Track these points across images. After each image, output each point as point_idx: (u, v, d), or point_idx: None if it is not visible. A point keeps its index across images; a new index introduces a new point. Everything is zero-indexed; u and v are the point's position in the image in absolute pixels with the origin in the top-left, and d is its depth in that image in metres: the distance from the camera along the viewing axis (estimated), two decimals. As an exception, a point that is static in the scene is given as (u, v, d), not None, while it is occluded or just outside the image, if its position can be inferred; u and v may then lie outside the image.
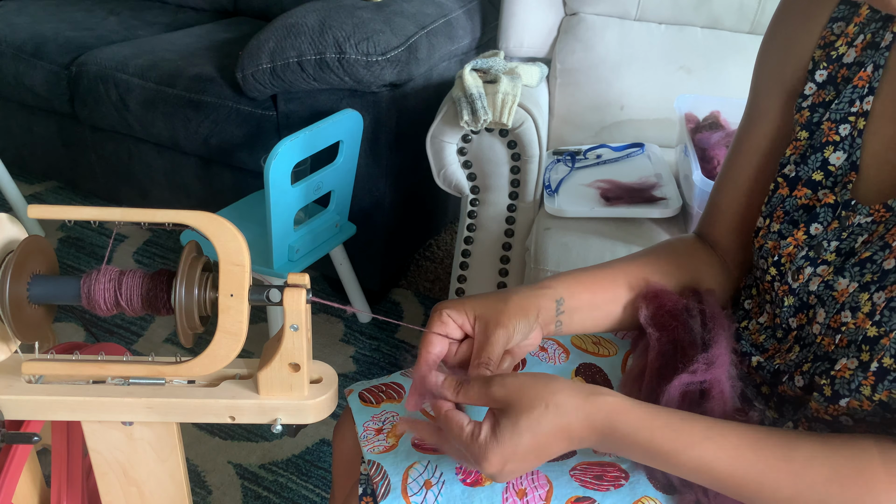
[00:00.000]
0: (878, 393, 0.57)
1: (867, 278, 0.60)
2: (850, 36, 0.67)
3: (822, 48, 0.69)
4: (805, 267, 0.66)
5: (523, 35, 1.70)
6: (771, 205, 0.71)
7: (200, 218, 0.58)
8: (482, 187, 1.50)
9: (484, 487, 0.66)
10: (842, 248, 0.64)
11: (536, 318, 0.69)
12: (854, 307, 0.60)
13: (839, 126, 0.67)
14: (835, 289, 0.63)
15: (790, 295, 0.67)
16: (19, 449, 0.66)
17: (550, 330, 0.72)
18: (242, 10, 2.40)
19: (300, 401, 0.64)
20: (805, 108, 0.70)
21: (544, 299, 0.70)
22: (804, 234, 0.67)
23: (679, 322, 0.72)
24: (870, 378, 0.58)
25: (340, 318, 1.88)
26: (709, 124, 1.38)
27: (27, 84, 2.05)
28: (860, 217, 0.64)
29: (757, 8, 1.57)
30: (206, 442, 1.52)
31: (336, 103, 1.62)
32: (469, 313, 0.68)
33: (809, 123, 0.69)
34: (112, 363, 0.63)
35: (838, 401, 0.60)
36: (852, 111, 0.66)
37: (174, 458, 0.69)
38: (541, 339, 0.71)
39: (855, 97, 0.66)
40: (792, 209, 0.69)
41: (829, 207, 0.66)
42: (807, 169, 0.69)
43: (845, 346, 0.60)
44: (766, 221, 0.71)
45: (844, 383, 0.60)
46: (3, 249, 0.61)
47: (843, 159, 0.66)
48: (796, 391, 0.65)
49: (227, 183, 1.89)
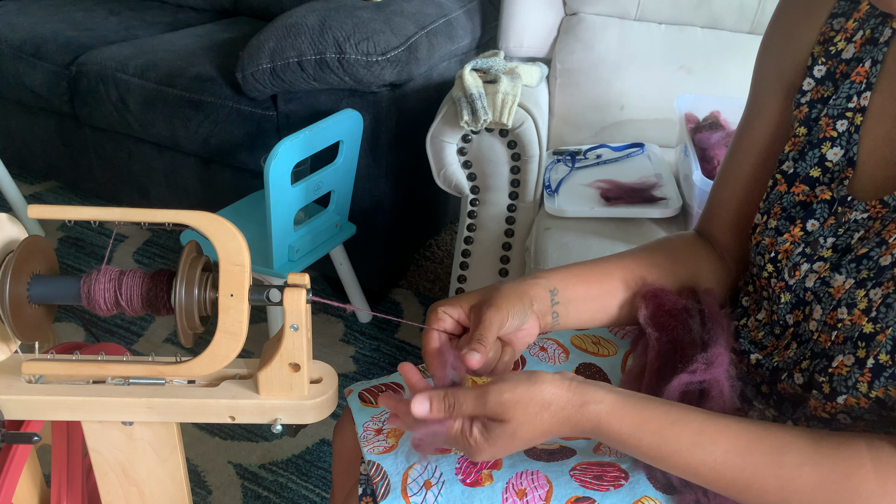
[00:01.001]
0: (874, 390, 0.57)
1: (863, 275, 0.60)
2: (849, 31, 0.67)
3: (822, 44, 0.69)
4: (801, 263, 0.66)
5: (523, 35, 1.70)
6: (769, 201, 0.71)
7: (200, 218, 0.58)
8: (482, 187, 1.50)
9: (484, 488, 0.66)
10: (838, 244, 0.64)
11: (531, 306, 0.69)
12: (850, 304, 0.60)
13: (836, 122, 0.67)
14: (831, 285, 0.63)
15: (787, 291, 0.67)
16: (19, 449, 0.66)
17: (548, 322, 0.72)
18: (242, 10, 2.40)
19: (300, 401, 0.64)
20: (804, 103, 0.70)
21: (537, 288, 0.71)
22: (801, 231, 0.67)
23: (678, 322, 0.72)
24: (866, 375, 0.58)
25: (340, 318, 1.88)
26: (709, 124, 1.37)
27: (27, 84, 2.05)
28: (856, 213, 0.64)
29: (757, 8, 1.57)
30: (206, 442, 1.52)
31: (336, 103, 1.62)
32: (464, 306, 0.68)
33: (808, 119, 0.69)
34: (112, 363, 0.63)
35: (836, 398, 0.60)
36: (850, 107, 0.66)
37: (174, 458, 0.69)
38: (538, 330, 0.71)
39: (853, 93, 0.66)
40: (789, 205, 0.69)
41: (826, 203, 0.66)
42: (804, 165, 0.69)
43: (841, 342, 0.60)
44: (763, 218, 0.71)
45: (842, 380, 0.60)
46: (3, 249, 0.61)
47: (840, 155, 0.66)
48: (796, 389, 0.65)
49: (227, 183, 1.89)
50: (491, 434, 0.59)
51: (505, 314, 0.66)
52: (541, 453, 0.70)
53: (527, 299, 0.69)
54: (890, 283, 0.58)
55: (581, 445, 0.72)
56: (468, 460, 0.69)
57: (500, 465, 0.68)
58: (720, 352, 0.68)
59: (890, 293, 0.57)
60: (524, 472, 0.67)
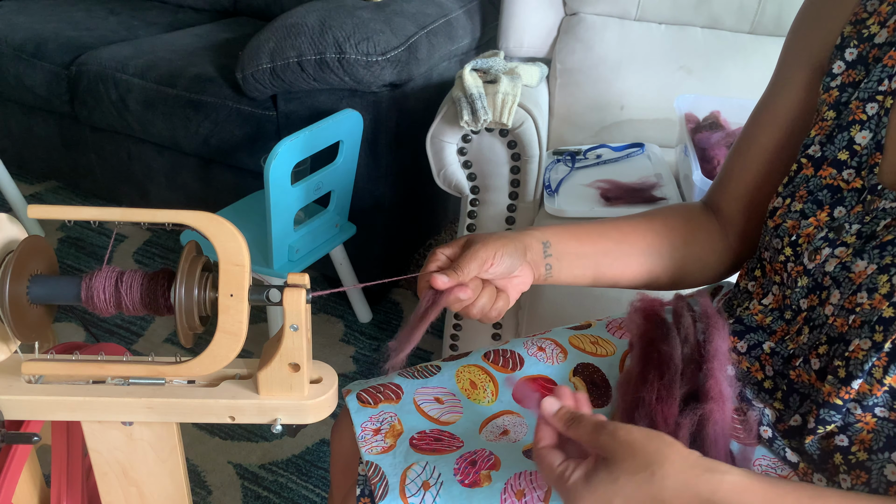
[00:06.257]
0: (888, 375, 0.57)
1: (887, 261, 0.60)
2: (882, 15, 0.67)
3: (854, 24, 0.68)
4: (823, 248, 0.65)
5: (523, 35, 1.70)
6: (794, 185, 0.70)
7: (200, 218, 0.58)
8: (482, 187, 1.50)
9: (482, 488, 0.66)
10: (863, 231, 0.64)
11: (524, 255, 0.70)
12: (871, 288, 0.60)
13: (866, 105, 0.66)
14: (852, 270, 0.62)
15: (804, 276, 0.67)
16: (19, 449, 0.66)
17: (541, 273, 0.73)
18: (242, 10, 2.41)
19: (300, 401, 0.64)
20: (834, 87, 0.69)
21: (530, 238, 0.72)
22: (827, 216, 0.67)
23: (654, 325, 0.72)
24: (882, 359, 0.58)
25: (340, 318, 1.88)
26: (709, 124, 1.37)
27: (27, 84, 2.05)
28: (885, 202, 0.63)
29: (757, 8, 1.57)
30: (206, 442, 1.52)
31: (336, 103, 1.62)
32: (459, 243, 0.69)
33: (837, 103, 0.69)
34: (112, 363, 0.63)
35: (851, 382, 0.60)
36: (880, 90, 0.66)
37: (174, 458, 0.69)
38: (531, 280, 0.72)
39: (884, 76, 0.65)
40: (816, 189, 0.68)
41: (856, 192, 0.66)
42: (833, 148, 0.68)
43: (858, 326, 0.60)
44: (785, 201, 0.71)
45: (858, 364, 0.59)
46: (3, 249, 0.61)
47: (868, 139, 0.66)
48: (811, 375, 0.65)
49: (227, 183, 1.89)
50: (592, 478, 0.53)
51: (491, 251, 0.66)
52: (540, 453, 0.70)
53: (519, 244, 0.69)
54: None
55: (580, 445, 0.72)
56: (467, 461, 0.69)
57: (498, 465, 0.68)
58: (717, 353, 0.68)
59: None
60: (523, 473, 0.67)
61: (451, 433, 0.74)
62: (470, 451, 0.70)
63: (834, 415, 0.63)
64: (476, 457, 0.69)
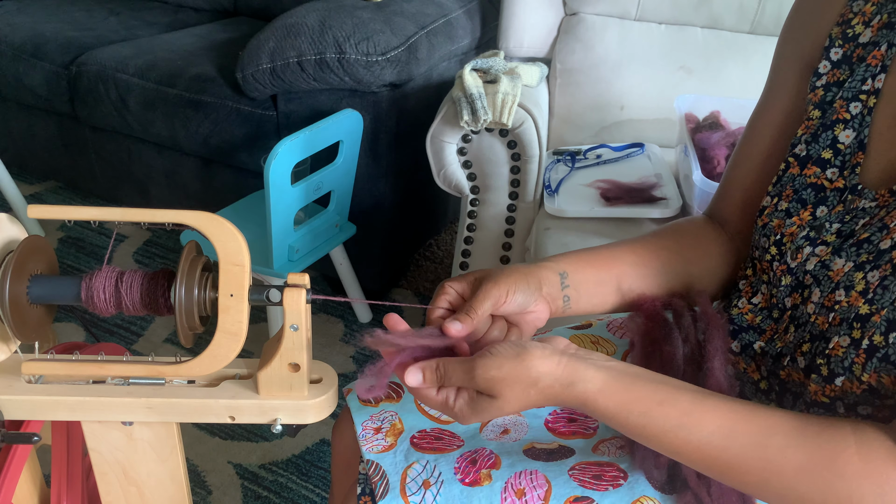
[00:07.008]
0: (866, 372, 0.58)
1: (863, 258, 0.61)
2: (867, 15, 0.67)
3: (840, 25, 0.69)
4: (804, 247, 0.66)
5: (523, 35, 1.70)
6: (781, 184, 0.71)
7: (200, 218, 0.58)
8: (482, 187, 1.50)
9: (482, 487, 0.66)
10: (843, 230, 0.64)
11: (539, 290, 0.69)
12: (848, 286, 0.61)
13: (850, 104, 0.67)
14: (831, 268, 0.63)
15: (788, 274, 0.67)
16: (19, 449, 0.66)
17: (559, 306, 0.71)
18: (242, 10, 2.40)
19: (300, 401, 0.64)
20: (819, 87, 0.69)
21: (546, 271, 0.71)
22: (809, 215, 0.67)
23: (655, 324, 0.72)
24: (861, 356, 0.58)
25: (340, 318, 1.88)
26: (709, 124, 1.38)
27: (27, 84, 2.05)
28: (865, 201, 0.64)
29: (757, 8, 1.57)
30: (206, 442, 1.52)
31: (336, 103, 1.62)
32: (469, 280, 0.68)
33: (822, 102, 0.69)
34: (112, 363, 0.63)
35: (834, 380, 0.60)
36: (864, 89, 0.66)
37: (174, 458, 0.69)
38: (548, 315, 0.71)
39: (867, 75, 0.66)
40: (801, 188, 0.69)
41: (838, 191, 0.67)
42: (817, 147, 0.68)
43: (838, 324, 0.61)
44: (773, 200, 0.71)
45: (838, 361, 0.60)
46: (3, 249, 0.61)
47: (851, 137, 0.66)
48: (798, 373, 0.65)
49: (227, 183, 1.89)
50: (477, 406, 0.60)
51: (503, 290, 0.65)
52: (540, 453, 0.70)
53: (534, 280, 0.68)
54: (888, 266, 0.58)
55: (580, 445, 0.72)
56: (467, 460, 0.69)
57: (499, 464, 0.68)
58: (716, 352, 0.68)
59: (887, 275, 0.58)
60: (523, 472, 0.67)
61: (451, 432, 0.74)
62: (470, 450, 0.71)
63: (823, 413, 0.63)
64: (476, 456, 0.70)
